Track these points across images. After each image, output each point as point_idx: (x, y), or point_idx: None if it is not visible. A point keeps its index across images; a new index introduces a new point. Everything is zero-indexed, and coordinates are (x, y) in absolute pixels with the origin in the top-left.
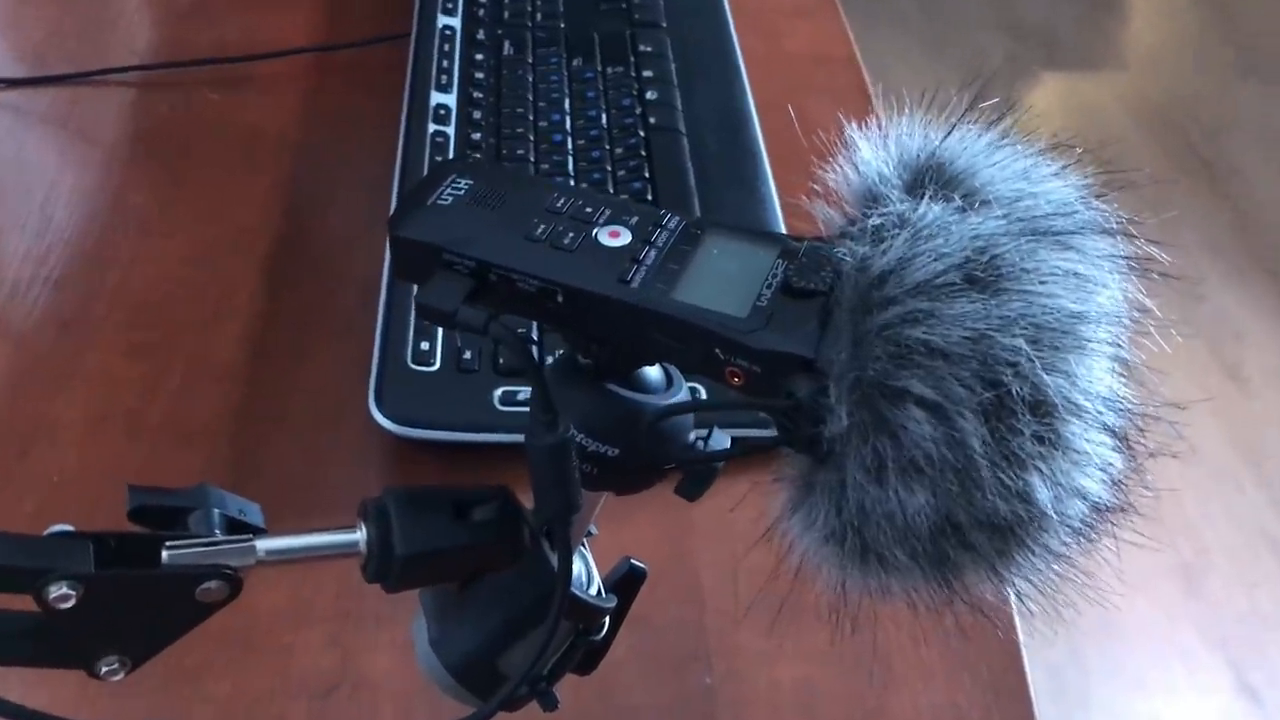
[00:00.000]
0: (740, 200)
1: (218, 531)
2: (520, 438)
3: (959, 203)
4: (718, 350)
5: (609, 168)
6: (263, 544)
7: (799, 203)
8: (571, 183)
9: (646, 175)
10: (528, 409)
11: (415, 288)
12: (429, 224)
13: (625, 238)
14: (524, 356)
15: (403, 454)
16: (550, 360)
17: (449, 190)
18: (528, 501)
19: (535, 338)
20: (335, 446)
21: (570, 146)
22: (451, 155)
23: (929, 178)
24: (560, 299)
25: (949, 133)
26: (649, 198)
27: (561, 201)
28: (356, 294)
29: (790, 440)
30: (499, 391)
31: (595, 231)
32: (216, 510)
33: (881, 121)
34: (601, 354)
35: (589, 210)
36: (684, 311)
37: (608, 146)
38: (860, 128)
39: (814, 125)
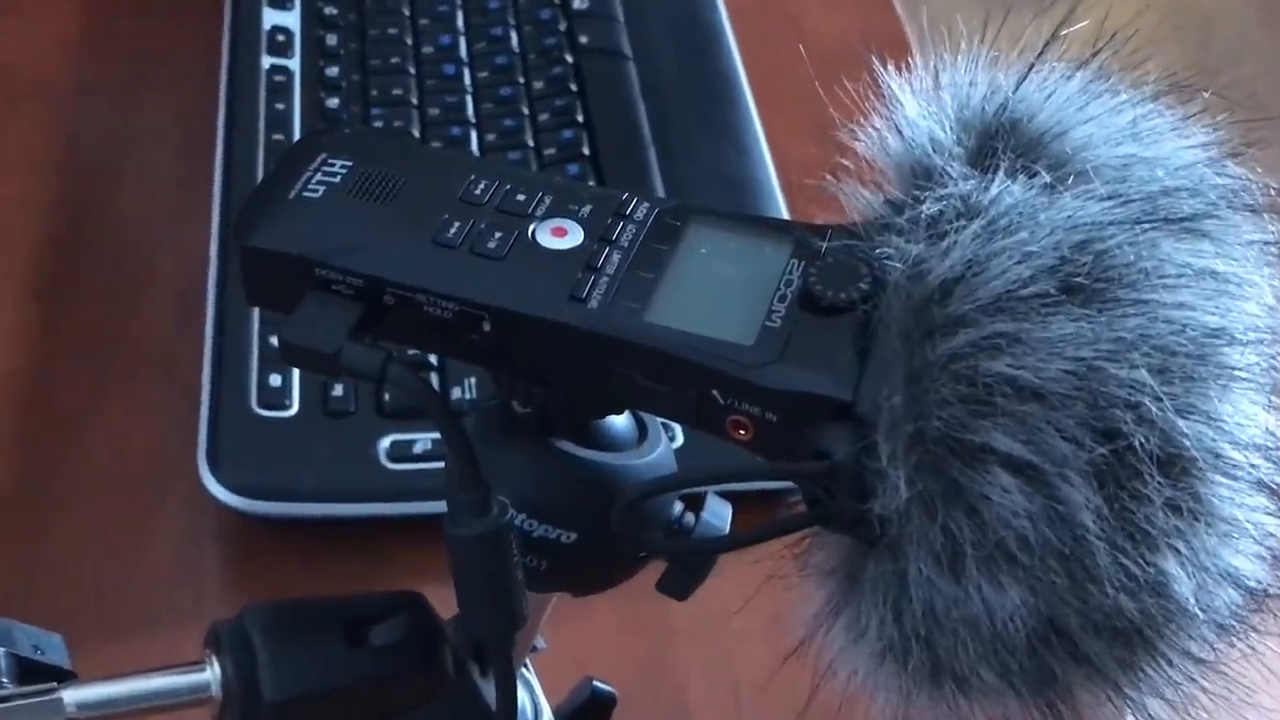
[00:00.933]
0: (716, 153)
1: (4, 681)
2: (425, 507)
3: (1045, 177)
4: (715, 393)
5: (525, 110)
6: (73, 695)
7: (817, 183)
8: (475, 144)
9: (580, 120)
10: (430, 466)
11: (277, 318)
12: (293, 227)
13: (575, 236)
14: (441, 412)
15: (254, 539)
16: (470, 410)
17: (319, 176)
18: (448, 609)
19: (435, 372)
20: (153, 532)
21: (468, 81)
22: (298, 99)
23: (1001, 141)
24: (487, 326)
25: (1025, 75)
26: (585, 152)
27: (482, 187)
28: (170, 310)
29: (825, 517)
30: (386, 442)
31: (533, 229)
32: (2, 650)
33: (928, 59)
34: (548, 400)
35: (522, 198)
36: (664, 340)
37: (521, 80)
38: (898, 68)
39: (820, 42)
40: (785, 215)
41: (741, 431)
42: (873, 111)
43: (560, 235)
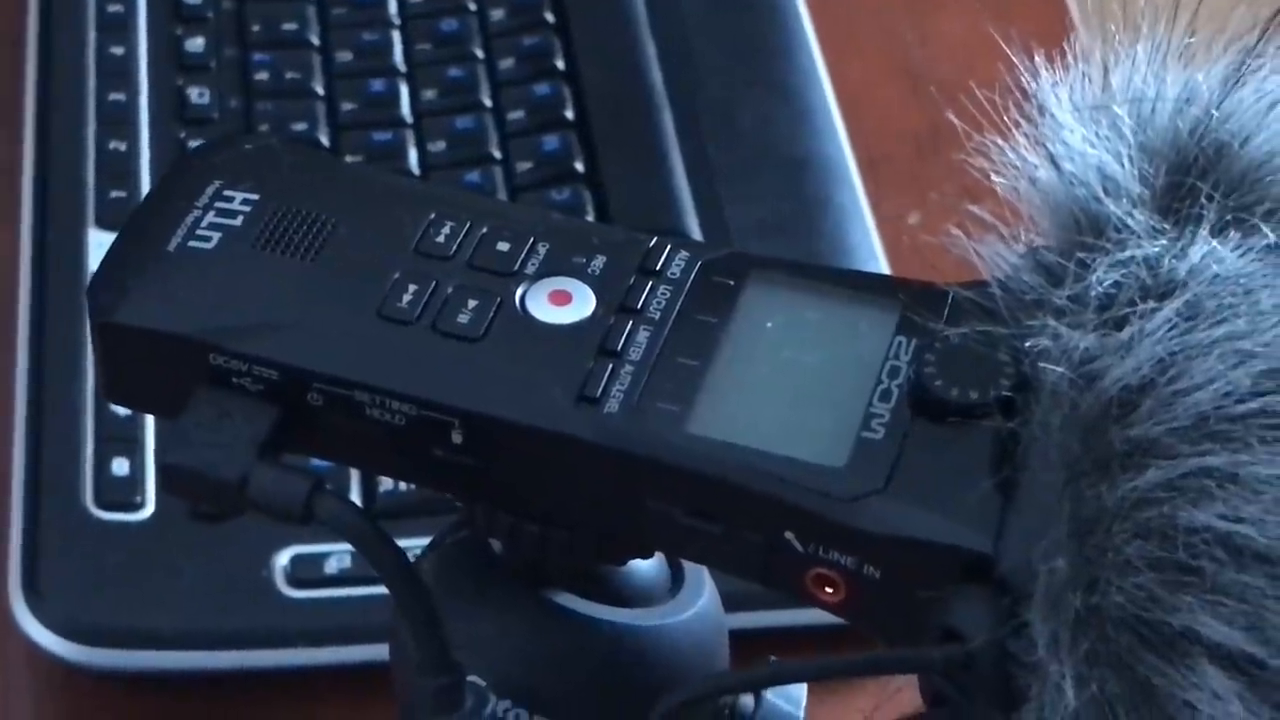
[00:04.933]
0: (762, 116)
1: None
2: (343, 653)
3: (1268, 235)
4: (790, 537)
5: (478, 52)
6: None
7: (943, 240)
8: (415, 157)
9: (559, 66)
10: (350, 592)
11: (149, 423)
12: (177, 296)
13: (584, 304)
14: (395, 570)
15: (89, 703)
16: (423, 550)
17: (211, 217)
18: None
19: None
20: None
21: (398, 53)
22: (145, 86)
23: (1201, 177)
24: (457, 438)
25: (1235, 77)
26: (568, 115)
27: (448, 230)
28: None
29: None
30: (284, 558)
31: (522, 293)
32: None
33: (1092, 49)
34: (545, 542)
35: (505, 247)
36: (714, 461)
37: (479, 50)
38: (1049, 62)
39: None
40: (864, 203)
41: (828, 590)
42: (1013, 128)
43: (563, 302)
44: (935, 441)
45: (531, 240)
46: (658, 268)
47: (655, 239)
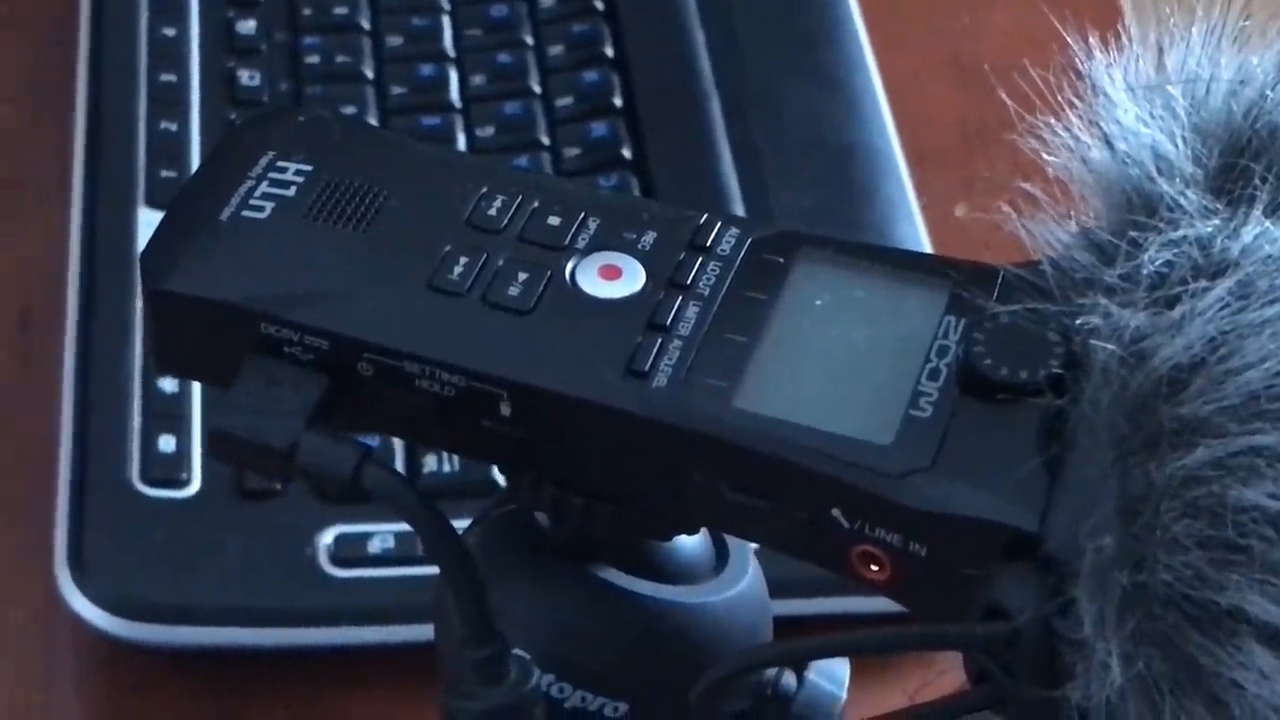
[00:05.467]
0: (809, 105)
1: None
2: (385, 633)
3: None
4: (836, 513)
5: (528, 38)
6: None
7: (995, 217)
8: (463, 142)
9: (608, 54)
10: (393, 572)
11: (199, 390)
12: (229, 265)
13: (634, 279)
14: (441, 542)
15: (131, 676)
16: (469, 523)
17: (265, 188)
18: None
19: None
20: None
21: (448, 39)
22: (196, 68)
23: (1256, 159)
24: (505, 410)
25: None
26: (616, 103)
27: (499, 204)
28: (8, 336)
29: (998, 699)
30: (328, 537)
31: (572, 267)
32: None
33: (1147, 29)
34: (590, 515)
35: (556, 221)
36: (761, 436)
37: (528, 37)
38: (1103, 43)
39: None
40: (910, 195)
41: (874, 567)
42: (1067, 107)
43: (612, 277)
44: (983, 419)
45: (582, 215)
46: (708, 244)
47: (706, 215)
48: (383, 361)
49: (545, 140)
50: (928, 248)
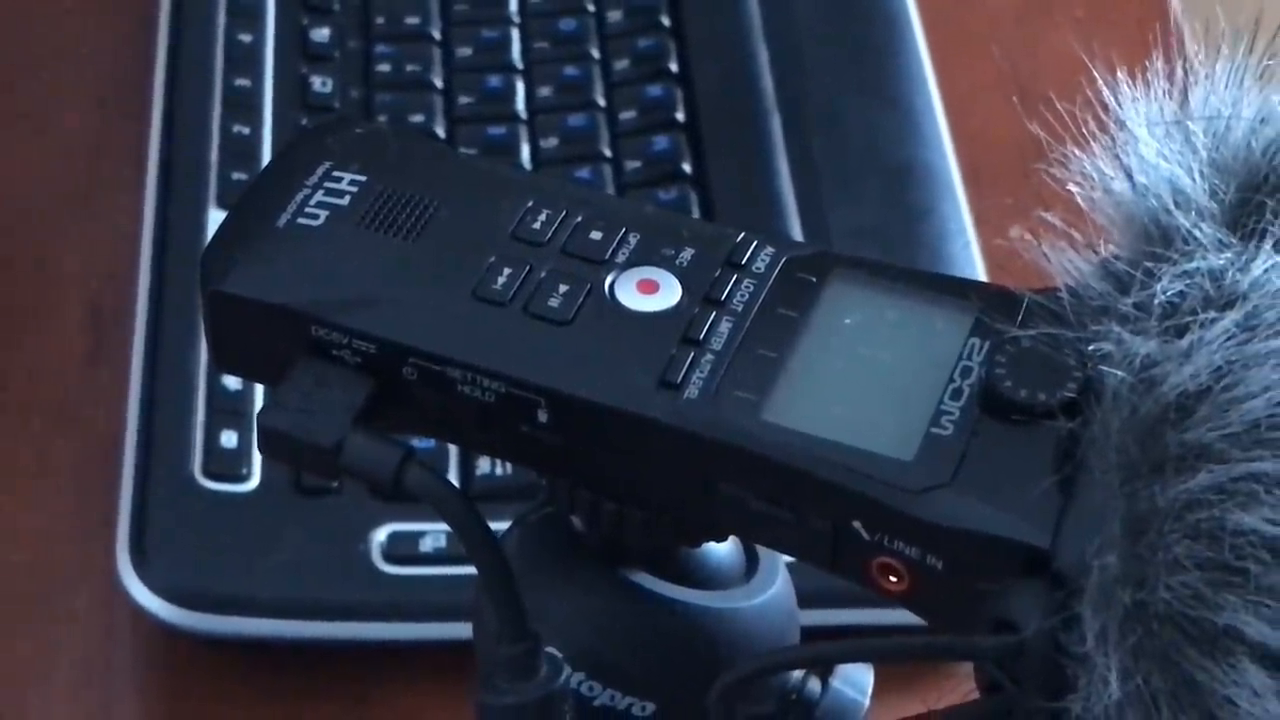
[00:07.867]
0: (869, 124)
1: None
2: (434, 630)
3: None
4: (858, 525)
5: (595, 52)
6: None
7: (1015, 243)
8: (527, 152)
9: (672, 69)
10: (444, 571)
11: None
12: (283, 269)
13: (670, 294)
14: (478, 541)
15: (190, 664)
16: (508, 526)
17: (320, 196)
18: None
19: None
20: (49, 653)
21: (516, 51)
22: (270, 74)
23: (1271, 192)
24: (543, 417)
25: None
26: (678, 118)
27: (544, 218)
28: (78, 333)
29: (1005, 711)
30: (381, 535)
31: (611, 281)
32: None
33: (1174, 67)
34: (622, 520)
35: (597, 236)
36: (788, 449)
37: (595, 50)
38: (1131, 78)
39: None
40: (966, 214)
41: (892, 579)
42: (1091, 141)
43: (650, 291)
44: (1001, 439)
45: (623, 230)
46: (743, 261)
47: (743, 234)
48: (427, 366)
49: (607, 153)
50: (981, 268)
